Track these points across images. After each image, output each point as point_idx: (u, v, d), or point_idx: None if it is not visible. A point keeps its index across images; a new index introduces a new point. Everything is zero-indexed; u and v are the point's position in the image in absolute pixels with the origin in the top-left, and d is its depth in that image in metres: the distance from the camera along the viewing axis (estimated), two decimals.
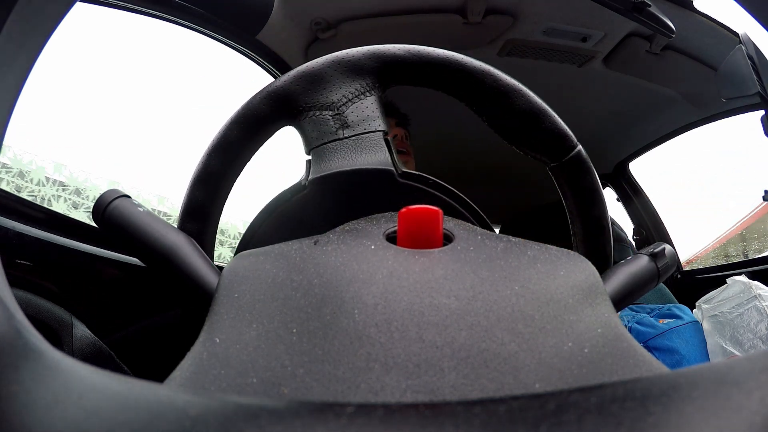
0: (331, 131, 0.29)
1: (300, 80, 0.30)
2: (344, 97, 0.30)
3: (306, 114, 0.30)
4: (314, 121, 0.30)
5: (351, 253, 0.21)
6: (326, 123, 0.29)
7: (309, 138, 0.30)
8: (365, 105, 0.30)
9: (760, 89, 0.68)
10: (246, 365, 0.16)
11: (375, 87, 0.30)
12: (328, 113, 0.30)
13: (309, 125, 0.30)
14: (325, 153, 0.29)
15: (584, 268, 0.21)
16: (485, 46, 1.01)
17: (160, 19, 0.78)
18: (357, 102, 0.30)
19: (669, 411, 0.08)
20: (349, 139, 0.29)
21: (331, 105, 0.30)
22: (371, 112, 0.30)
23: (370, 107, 0.30)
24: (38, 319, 0.50)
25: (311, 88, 0.30)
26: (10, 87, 0.15)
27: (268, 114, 0.30)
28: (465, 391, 0.14)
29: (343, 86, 0.30)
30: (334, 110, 0.30)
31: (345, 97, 0.30)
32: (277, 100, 0.30)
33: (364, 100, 0.30)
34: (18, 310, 0.12)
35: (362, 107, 0.30)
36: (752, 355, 0.10)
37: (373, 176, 0.28)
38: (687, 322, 0.96)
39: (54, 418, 0.08)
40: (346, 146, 0.29)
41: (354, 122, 0.29)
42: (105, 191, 0.28)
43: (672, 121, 1.27)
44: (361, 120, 0.29)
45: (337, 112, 0.30)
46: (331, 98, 0.30)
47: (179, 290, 0.26)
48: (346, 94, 0.30)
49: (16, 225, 0.50)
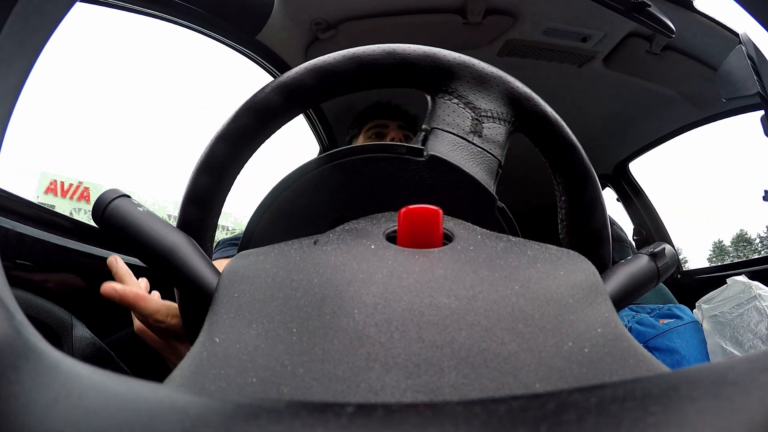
0: (465, 130, 0.29)
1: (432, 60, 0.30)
2: (487, 110, 0.30)
3: (446, 95, 0.30)
4: (453, 108, 0.30)
5: (351, 253, 0.21)
6: (464, 119, 0.30)
7: (438, 118, 0.30)
8: (500, 130, 0.30)
9: (760, 89, 0.68)
10: (246, 365, 0.16)
11: (512, 123, 0.31)
12: (470, 113, 0.30)
13: (447, 108, 0.30)
14: (447, 141, 0.29)
15: (584, 267, 0.21)
16: (485, 46, 1.01)
17: (160, 19, 0.78)
18: (496, 123, 0.30)
19: (669, 411, 0.08)
20: (476, 147, 0.29)
21: (475, 108, 0.30)
22: (502, 139, 0.30)
23: (502, 134, 0.30)
24: (38, 319, 0.50)
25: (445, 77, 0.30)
26: (10, 87, 0.15)
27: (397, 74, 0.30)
28: (465, 391, 0.14)
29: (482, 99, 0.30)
30: (476, 114, 0.30)
31: (487, 111, 0.30)
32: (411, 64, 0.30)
33: (501, 125, 0.30)
34: (18, 310, 0.12)
35: (498, 130, 0.30)
36: (752, 355, 0.10)
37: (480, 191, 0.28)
38: (687, 322, 0.96)
39: (54, 418, 0.08)
40: (469, 151, 0.29)
41: (486, 137, 0.30)
42: (105, 191, 0.28)
43: (672, 121, 1.27)
44: (492, 141, 0.30)
45: (478, 118, 0.30)
46: (472, 100, 0.30)
47: (179, 290, 0.26)
48: (489, 109, 0.30)
49: (16, 225, 0.50)
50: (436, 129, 0.30)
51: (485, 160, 0.29)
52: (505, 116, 0.31)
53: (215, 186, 0.30)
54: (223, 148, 0.29)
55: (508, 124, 0.31)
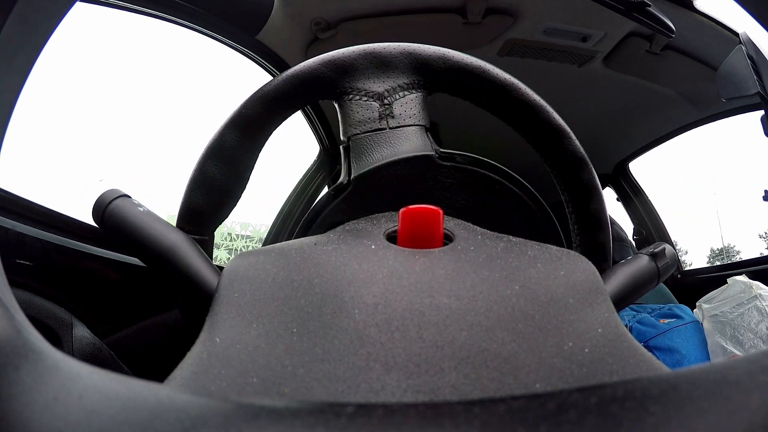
0: (375, 120, 0.29)
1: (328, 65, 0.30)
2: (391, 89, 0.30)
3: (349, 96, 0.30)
4: (360, 104, 0.30)
5: (351, 253, 0.21)
6: (372, 110, 0.29)
7: (351, 121, 0.30)
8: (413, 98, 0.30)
9: (760, 89, 0.68)
10: (246, 365, 0.16)
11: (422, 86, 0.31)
12: (374, 102, 0.30)
13: (354, 106, 0.30)
14: (366, 144, 0.29)
15: (585, 268, 0.21)
16: (485, 46, 1.01)
17: (160, 19, 0.78)
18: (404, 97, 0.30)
19: (669, 411, 0.08)
20: (394, 130, 0.29)
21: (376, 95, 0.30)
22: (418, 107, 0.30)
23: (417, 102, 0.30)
24: (38, 319, 0.50)
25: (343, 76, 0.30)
26: (10, 87, 0.15)
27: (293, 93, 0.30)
28: (465, 391, 0.14)
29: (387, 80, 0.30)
30: (381, 100, 0.30)
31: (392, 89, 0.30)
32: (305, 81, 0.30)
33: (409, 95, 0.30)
34: (18, 310, 0.12)
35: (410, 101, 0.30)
36: (752, 355, 0.10)
37: (416, 163, 0.28)
38: (688, 321, 0.96)
39: (54, 418, 0.08)
40: (388, 137, 0.29)
41: (399, 115, 0.30)
42: (105, 191, 0.28)
43: (672, 121, 1.27)
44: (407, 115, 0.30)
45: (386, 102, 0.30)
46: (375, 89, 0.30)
47: (179, 290, 0.26)
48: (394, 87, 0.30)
49: (16, 225, 0.50)
50: (351, 137, 0.29)
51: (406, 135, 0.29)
52: (412, 84, 0.30)
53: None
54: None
55: (419, 89, 0.30)
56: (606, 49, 1.02)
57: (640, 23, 0.84)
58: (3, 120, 0.15)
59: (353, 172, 0.29)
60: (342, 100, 0.30)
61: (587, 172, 0.31)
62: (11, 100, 0.15)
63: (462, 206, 0.30)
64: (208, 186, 0.29)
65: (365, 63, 0.30)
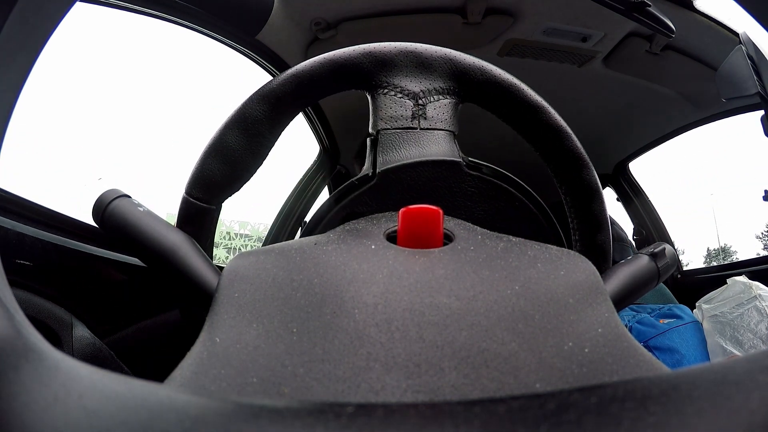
0: (408, 118, 0.29)
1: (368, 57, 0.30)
2: (427, 90, 0.30)
3: (384, 90, 0.30)
4: (394, 100, 0.30)
5: (351, 253, 0.21)
6: (405, 108, 0.29)
7: (383, 114, 0.30)
8: (446, 104, 0.30)
9: (760, 89, 0.68)
10: (246, 365, 0.16)
11: (457, 94, 0.31)
12: (409, 101, 0.30)
13: (388, 101, 0.30)
14: (395, 140, 0.29)
15: (585, 268, 0.21)
16: (485, 46, 1.01)
17: (160, 19, 0.78)
18: (438, 100, 0.30)
19: (669, 411, 0.08)
20: (425, 131, 0.29)
21: (412, 94, 0.30)
22: (449, 113, 0.30)
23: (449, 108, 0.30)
24: (38, 319, 0.50)
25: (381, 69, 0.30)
26: (11, 87, 0.15)
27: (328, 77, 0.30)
28: (465, 391, 0.14)
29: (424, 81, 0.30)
30: (415, 100, 0.30)
31: (428, 91, 0.30)
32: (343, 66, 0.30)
33: (443, 99, 0.30)
34: (18, 311, 0.12)
35: (443, 106, 0.30)
36: (752, 355, 0.10)
37: (444, 167, 0.28)
38: (687, 321, 0.96)
39: (54, 418, 0.08)
40: (418, 137, 0.29)
41: (432, 117, 0.30)
42: (105, 191, 0.28)
43: (672, 121, 1.27)
44: (439, 118, 0.30)
45: (420, 102, 0.30)
46: (411, 87, 0.30)
47: (179, 290, 0.26)
48: (429, 89, 0.30)
49: (16, 225, 0.50)
50: (381, 131, 0.29)
51: (435, 138, 0.29)
52: (448, 90, 0.30)
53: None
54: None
55: (453, 96, 0.31)
56: (606, 49, 1.02)
57: (640, 23, 0.84)
58: (3, 120, 0.15)
59: (379, 165, 0.28)
60: (376, 92, 0.30)
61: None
62: (11, 100, 0.15)
63: (481, 217, 0.31)
64: (225, 155, 0.29)
65: (405, 61, 0.30)
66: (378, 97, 0.30)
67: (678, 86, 1.13)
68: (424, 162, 0.28)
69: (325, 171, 1.30)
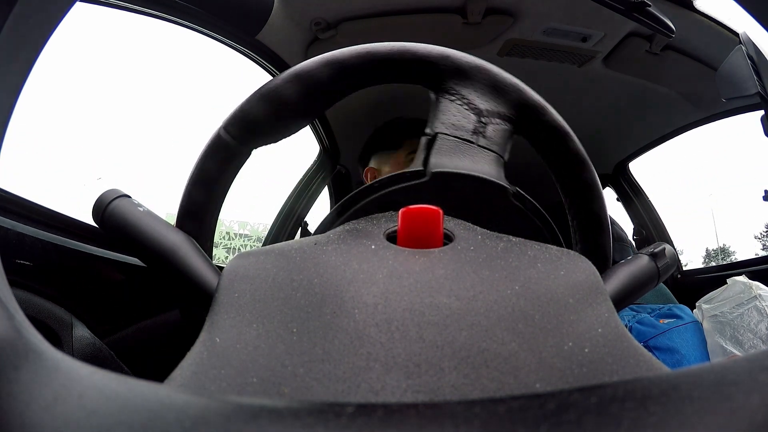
0: (468, 131, 0.30)
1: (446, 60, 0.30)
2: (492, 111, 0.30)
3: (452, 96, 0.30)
4: (460, 110, 0.30)
5: (351, 253, 0.21)
6: (468, 121, 0.30)
7: (444, 119, 0.30)
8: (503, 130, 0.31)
9: (760, 89, 0.68)
10: (246, 365, 0.16)
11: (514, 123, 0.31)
12: (474, 115, 0.30)
13: (453, 109, 0.30)
14: (451, 147, 0.29)
15: (585, 267, 0.21)
16: (485, 46, 1.01)
17: (160, 19, 0.78)
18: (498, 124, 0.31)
19: (669, 411, 0.08)
20: (481, 149, 0.29)
21: (479, 110, 0.30)
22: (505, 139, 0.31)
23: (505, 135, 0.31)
24: (38, 319, 0.50)
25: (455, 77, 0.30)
26: (11, 87, 0.15)
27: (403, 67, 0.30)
28: (465, 391, 0.14)
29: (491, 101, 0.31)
30: (479, 116, 0.30)
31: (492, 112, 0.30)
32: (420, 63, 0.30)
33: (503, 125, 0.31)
34: (18, 311, 0.12)
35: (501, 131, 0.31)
36: (752, 355, 0.10)
37: (493, 188, 0.29)
38: (687, 321, 0.96)
39: (54, 418, 0.08)
40: (474, 152, 0.29)
41: (490, 138, 0.30)
42: (105, 191, 0.28)
43: (672, 121, 1.27)
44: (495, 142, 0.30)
45: (482, 120, 0.30)
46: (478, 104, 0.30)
47: (179, 290, 0.26)
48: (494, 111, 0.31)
49: (16, 225, 0.50)
50: (439, 134, 0.30)
51: (489, 158, 0.30)
52: (509, 118, 0.31)
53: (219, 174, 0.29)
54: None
55: (511, 124, 0.31)
56: (606, 49, 1.02)
57: (640, 23, 0.84)
58: (3, 120, 0.15)
59: (432, 166, 0.29)
60: (442, 95, 0.30)
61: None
62: (11, 100, 0.15)
63: None
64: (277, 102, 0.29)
65: (479, 77, 0.30)
66: (443, 100, 0.30)
67: (678, 86, 1.13)
68: (477, 177, 0.28)
69: (325, 171, 1.30)
